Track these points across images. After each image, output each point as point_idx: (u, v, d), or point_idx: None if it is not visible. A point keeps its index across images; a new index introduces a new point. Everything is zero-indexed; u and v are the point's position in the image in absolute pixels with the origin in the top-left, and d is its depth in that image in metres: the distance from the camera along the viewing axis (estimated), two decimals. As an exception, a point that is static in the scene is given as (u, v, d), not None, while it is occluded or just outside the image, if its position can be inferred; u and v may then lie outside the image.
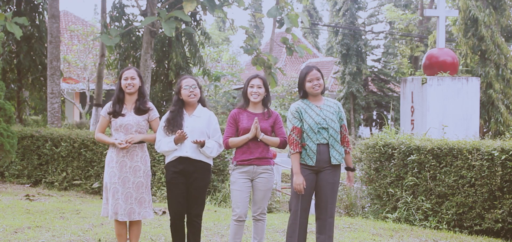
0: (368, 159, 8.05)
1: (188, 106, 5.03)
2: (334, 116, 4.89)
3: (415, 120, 10.84)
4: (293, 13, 11.60)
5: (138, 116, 5.00)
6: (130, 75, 5.00)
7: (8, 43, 14.29)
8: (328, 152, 4.86)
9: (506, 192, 6.67)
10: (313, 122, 4.84)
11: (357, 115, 28.83)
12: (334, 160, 4.87)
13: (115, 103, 5.02)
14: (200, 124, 4.96)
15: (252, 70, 32.36)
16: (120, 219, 4.93)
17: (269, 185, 5.01)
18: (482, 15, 17.77)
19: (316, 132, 4.83)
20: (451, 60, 11.05)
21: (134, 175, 4.96)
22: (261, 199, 4.99)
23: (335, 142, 4.88)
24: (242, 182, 4.95)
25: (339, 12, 29.64)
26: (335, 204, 4.96)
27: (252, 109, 5.02)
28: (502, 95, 18.08)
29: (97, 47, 20.87)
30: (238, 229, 4.98)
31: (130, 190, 4.93)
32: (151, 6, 11.83)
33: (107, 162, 5.03)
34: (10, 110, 9.08)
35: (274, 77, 12.26)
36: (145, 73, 11.77)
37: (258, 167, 4.95)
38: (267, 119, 4.99)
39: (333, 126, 4.86)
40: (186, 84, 4.99)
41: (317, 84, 4.85)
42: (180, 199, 4.93)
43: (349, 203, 9.03)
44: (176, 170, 4.90)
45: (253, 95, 4.95)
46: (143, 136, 5.01)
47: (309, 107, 4.90)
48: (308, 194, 4.89)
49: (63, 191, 10.10)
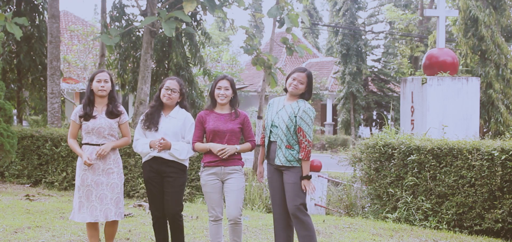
0: (368, 159, 8.05)
1: (166, 106, 5.09)
2: (286, 117, 4.87)
3: (415, 120, 10.83)
4: (293, 13, 11.59)
5: (110, 120, 5.02)
6: (103, 78, 5.01)
7: (8, 43, 14.27)
8: (275, 151, 4.92)
9: (506, 192, 6.68)
10: (269, 118, 4.98)
11: (357, 115, 28.84)
12: (278, 161, 4.89)
13: (86, 106, 5.03)
14: (174, 125, 5.02)
15: (252, 70, 32.40)
16: (96, 220, 4.94)
17: (240, 185, 5.01)
18: (482, 15, 17.78)
19: (269, 128, 4.96)
20: (451, 60, 11.04)
21: (108, 177, 4.98)
22: (235, 201, 4.97)
23: (281, 143, 4.88)
24: (212, 183, 4.99)
25: (339, 12, 29.65)
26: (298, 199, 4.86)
27: (219, 111, 5.05)
28: (502, 95, 18.09)
29: (97, 47, 20.86)
30: (217, 229, 5.04)
31: (104, 191, 4.96)
32: (151, 6, 11.83)
33: (78, 165, 5.05)
34: (10, 110, 9.08)
35: (274, 77, 12.26)
36: (145, 73, 11.77)
37: (225, 167, 4.97)
38: (234, 120, 5.01)
39: (281, 126, 4.87)
40: (167, 86, 5.04)
41: (295, 86, 4.88)
42: (159, 197, 5.03)
43: (349, 203, 9.03)
44: (152, 170, 5.00)
45: (220, 97, 4.99)
46: (114, 143, 5.03)
47: (277, 104, 5.01)
48: (275, 190, 5.00)
49: (63, 191, 10.09)
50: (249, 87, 32.47)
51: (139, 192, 9.32)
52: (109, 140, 5.02)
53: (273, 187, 5.03)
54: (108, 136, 5.01)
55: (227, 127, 4.96)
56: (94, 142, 5.00)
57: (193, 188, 9.66)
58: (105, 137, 5.00)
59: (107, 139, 5.01)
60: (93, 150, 4.99)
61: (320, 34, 49.06)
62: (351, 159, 8.75)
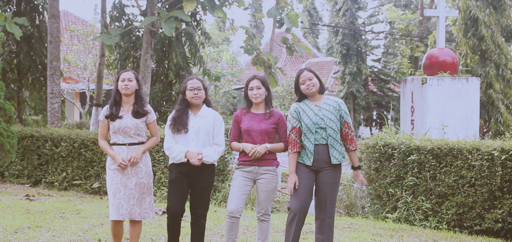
0: (368, 159, 8.05)
1: (193, 106, 5.08)
2: (332, 116, 4.88)
3: (415, 120, 10.84)
4: (293, 13, 11.60)
5: (136, 119, 5.01)
6: (127, 77, 5.00)
7: (8, 43, 14.28)
8: (327, 152, 4.85)
9: (506, 192, 6.67)
10: (310, 122, 4.86)
11: (357, 115, 28.85)
12: (335, 160, 4.86)
13: (112, 106, 5.02)
14: (205, 124, 5.02)
15: (252, 70, 32.35)
16: (120, 218, 4.93)
17: (272, 186, 5.01)
18: (482, 15, 17.77)
19: (314, 132, 4.85)
20: (451, 60, 11.05)
21: (136, 176, 4.97)
22: (265, 200, 5.00)
23: (334, 141, 4.87)
24: (241, 180, 4.99)
25: (339, 12, 29.65)
26: (334, 204, 4.95)
27: (255, 110, 5.07)
28: (502, 95, 18.08)
29: (97, 47, 20.86)
30: (232, 226, 4.97)
31: (132, 191, 4.94)
32: (151, 6, 11.83)
33: (108, 165, 5.05)
34: (10, 110, 9.08)
35: (274, 77, 12.27)
36: (145, 73, 11.78)
37: (259, 167, 4.97)
38: (268, 119, 5.01)
39: (331, 125, 4.86)
40: (191, 86, 5.02)
41: (311, 84, 4.88)
42: (181, 198, 4.99)
43: (349, 203, 9.04)
44: (182, 171, 4.96)
45: (253, 97, 5.00)
46: (145, 147, 5.03)
47: (307, 107, 4.92)
48: (306, 194, 4.87)
49: (63, 191, 10.10)
50: (249, 87, 32.43)
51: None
52: (136, 139, 4.99)
53: (304, 191, 4.88)
54: (135, 136, 4.99)
55: (261, 127, 4.97)
56: (121, 142, 4.98)
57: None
58: (131, 137, 4.98)
59: (134, 138, 4.98)
60: (120, 150, 4.97)
61: (320, 34, 49.09)
62: (351, 159, 8.75)
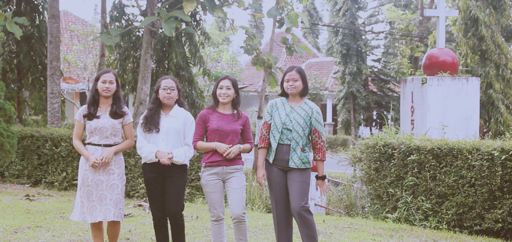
0: (368, 159, 8.05)
1: (165, 106, 5.11)
2: (302, 120, 4.89)
3: (415, 120, 10.83)
4: (293, 13, 11.59)
5: (114, 120, 5.02)
6: (109, 79, 5.01)
7: (8, 43, 14.28)
8: (288, 154, 4.88)
9: (506, 192, 6.68)
10: (279, 121, 4.92)
11: (357, 115, 28.85)
12: (292, 163, 4.88)
13: (90, 105, 5.04)
14: (176, 124, 5.05)
15: (252, 70, 32.40)
16: (95, 220, 4.94)
17: (241, 183, 5.03)
18: (482, 15, 17.77)
19: (280, 131, 4.90)
20: (451, 60, 11.04)
21: (108, 177, 4.98)
22: (238, 200, 4.97)
23: (297, 145, 4.88)
24: (213, 183, 4.99)
25: (339, 12, 29.65)
26: (304, 198, 4.87)
27: (222, 110, 5.06)
28: (502, 95, 18.08)
29: (97, 47, 20.86)
30: (219, 228, 5.04)
31: (104, 192, 4.95)
32: (151, 6, 11.83)
33: (80, 164, 5.06)
34: (10, 110, 9.08)
35: (274, 77, 12.26)
36: (145, 73, 11.77)
37: (227, 167, 4.98)
38: (237, 120, 5.03)
39: (297, 129, 4.88)
40: (165, 85, 5.06)
41: (293, 86, 4.91)
42: (159, 198, 5.05)
43: (349, 203, 9.04)
44: (153, 171, 5.02)
45: (221, 97, 5.00)
46: (117, 148, 5.03)
47: (282, 106, 4.98)
48: (279, 190, 4.95)
49: (63, 191, 10.09)
50: (249, 87, 32.49)
51: (139, 192, 9.32)
52: (112, 140, 5.01)
53: (276, 188, 4.98)
54: (111, 136, 5.01)
55: (231, 127, 4.97)
56: (96, 142, 5.00)
57: (193, 188, 9.66)
58: (107, 137, 4.99)
59: (110, 139, 5.00)
60: (95, 150, 4.98)
61: (320, 34, 49.09)
62: (351, 159, 8.76)
